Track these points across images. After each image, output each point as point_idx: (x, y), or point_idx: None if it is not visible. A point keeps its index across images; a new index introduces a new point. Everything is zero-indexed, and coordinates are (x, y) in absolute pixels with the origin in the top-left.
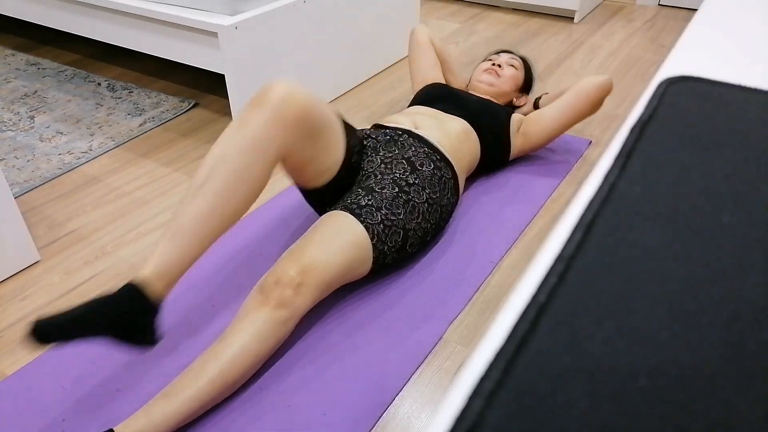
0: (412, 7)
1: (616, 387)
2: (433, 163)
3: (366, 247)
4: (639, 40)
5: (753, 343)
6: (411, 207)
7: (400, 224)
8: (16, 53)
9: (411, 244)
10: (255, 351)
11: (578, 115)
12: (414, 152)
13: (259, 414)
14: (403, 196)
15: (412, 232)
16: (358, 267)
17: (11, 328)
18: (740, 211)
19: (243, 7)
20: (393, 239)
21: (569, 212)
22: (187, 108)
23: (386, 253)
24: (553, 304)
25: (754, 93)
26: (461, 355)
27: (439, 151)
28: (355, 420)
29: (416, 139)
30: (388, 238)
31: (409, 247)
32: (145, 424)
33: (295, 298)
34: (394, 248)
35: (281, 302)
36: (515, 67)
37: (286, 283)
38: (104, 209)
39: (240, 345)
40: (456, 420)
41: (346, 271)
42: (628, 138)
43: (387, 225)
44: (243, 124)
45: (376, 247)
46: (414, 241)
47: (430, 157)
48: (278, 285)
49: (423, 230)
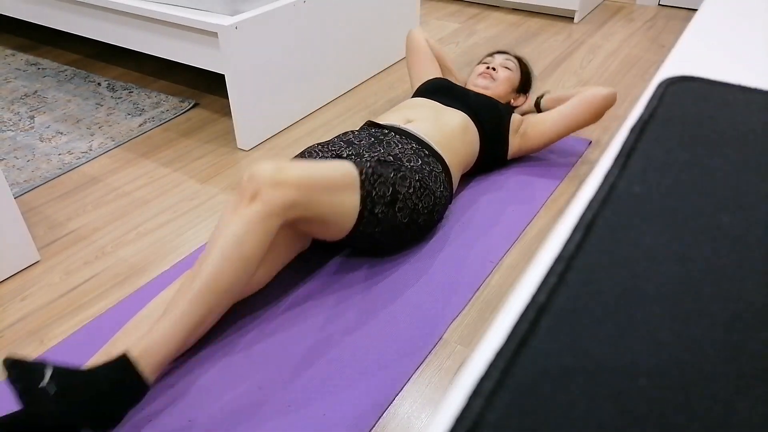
0: (412, 7)
1: (616, 387)
2: (421, 159)
3: (352, 175)
4: (639, 40)
5: (753, 344)
6: (401, 176)
7: (389, 180)
8: (16, 53)
9: (400, 208)
10: (237, 255)
11: (579, 123)
12: (400, 149)
13: (259, 414)
14: (394, 165)
15: (402, 197)
16: (344, 189)
17: (11, 328)
18: (740, 211)
19: (243, 7)
20: (381, 189)
21: (569, 212)
22: (187, 108)
23: (374, 199)
24: (553, 304)
25: (754, 93)
26: (461, 355)
27: (428, 145)
28: (355, 420)
29: (403, 136)
30: (376, 185)
31: (398, 211)
32: (148, 343)
33: (270, 191)
34: (382, 199)
35: (255, 195)
36: (510, 69)
37: (261, 178)
38: (104, 209)
39: (220, 252)
40: (456, 420)
41: (329, 182)
42: (628, 138)
43: (376, 173)
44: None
45: (363, 186)
46: (403, 207)
47: (418, 153)
48: (252, 180)
49: (413, 204)
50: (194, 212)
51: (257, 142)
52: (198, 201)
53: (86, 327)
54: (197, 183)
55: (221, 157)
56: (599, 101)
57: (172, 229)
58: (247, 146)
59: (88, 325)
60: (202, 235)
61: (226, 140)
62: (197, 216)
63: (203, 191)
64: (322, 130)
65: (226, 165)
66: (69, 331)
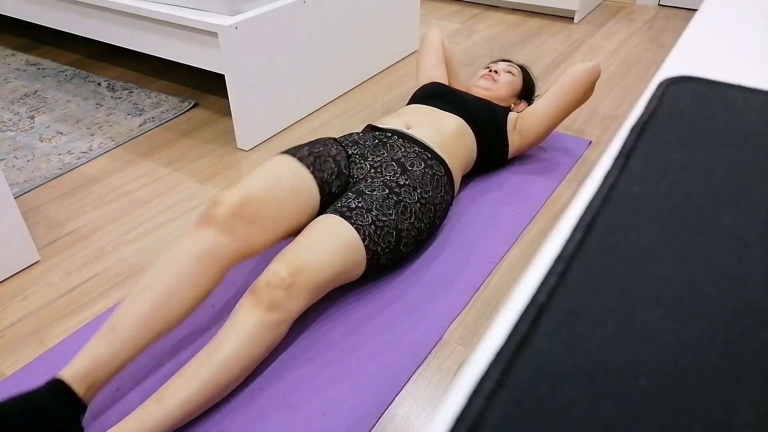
0: (412, 7)
1: (616, 387)
2: (424, 162)
3: (358, 248)
4: (639, 40)
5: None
6: (402, 207)
7: (392, 225)
8: (16, 53)
9: (405, 244)
10: (247, 354)
11: (571, 102)
12: (403, 153)
13: (259, 414)
14: (394, 197)
15: (406, 232)
16: (351, 269)
17: (11, 328)
18: (740, 211)
19: (243, 7)
20: (386, 240)
21: (569, 212)
22: (187, 108)
23: (380, 254)
24: (553, 304)
25: (754, 93)
26: (461, 355)
27: (430, 149)
28: (355, 420)
29: (406, 140)
30: (380, 239)
31: (403, 247)
32: (136, 429)
33: (287, 299)
34: (387, 249)
35: (273, 304)
36: (512, 74)
37: (277, 285)
38: (104, 209)
39: (232, 348)
40: (456, 420)
41: (339, 272)
42: (628, 138)
43: (378, 226)
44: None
45: (368, 249)
46: (408, 240)
47: (421, 156)
48: (269, 287)
49: (417, 230)
50: (194, 212)
51: (257, 142)
52: (198, 201)
53: (86, 327)
54: (197, 183)
55: (221, 157)
56: (583, 75)
57: (172, 229)
58: (247, 146)
59: (88, 325)
60: None
61: (226, 140)
62: (197, 216)
63: (203, 191)
64: (322, 130)
65: (226, 165)
66: (69, 331)
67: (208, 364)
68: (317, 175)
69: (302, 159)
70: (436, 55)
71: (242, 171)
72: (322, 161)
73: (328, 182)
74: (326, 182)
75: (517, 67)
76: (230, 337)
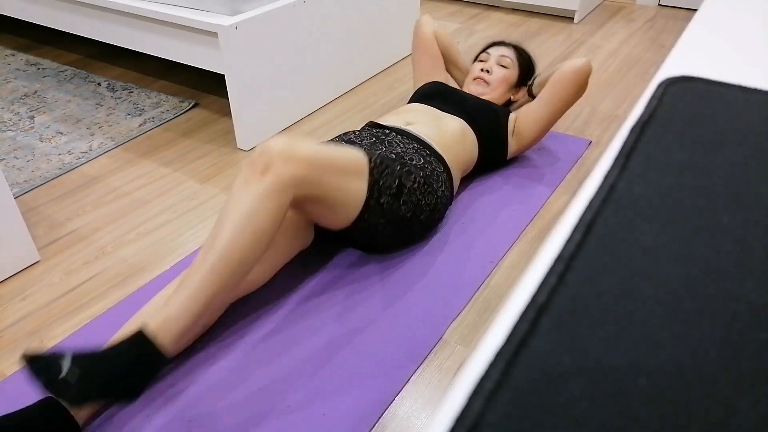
0: (412, 7)
1: (616, 387)
2: (423, 158)
3: (362, 161)
4: (639, 40)
5: (752, 343)
6: (407, 170)
7: (395, 173)
8: (16, 53)
9: (405, 201)
10: (250, 228)
11: (564, 100)
12: (402, 149)
13: (259, 414)
14: (398, 161)
15: (407, 190)
16: (352, 174)
17: (11, 328)
18: (740, 211)
19: (243, 7)
20: (387, 180)
21: (569, 212)
22: (187, 108)
23: (381, 189)
24: (553, 304)
25: (754, 93)
26: (461, 355)
27: (430, 146)
28: (355, 420)
29: (405, 136)
30: (383, 175)
31: (402, 204)
32: (165, 317)
33: (281, 165)
34: (388, 190)
35: (266, 168)
36: (506, 66)
37: (273, 152)
38: (104, 209)
39: (232, 225)
40: (456, 420)
41: (338, 166)
42: (628, 138)
43: (384, 162)
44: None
45: (371, 174)
46: (408, 200)
47: (420, 152)
48: (264, 153)
49: (417, 199)
50: (194, 212)
51: (257, 142)
52: (198, 201)
53: (86, 327)
54: (197, 183)
55: (221, 157)
56: (574, 73)
57: (172, 229)
58: (247, 146)
59: (88, 325)
60: (201, 236)
61: (226, 140)
62: (197, 216)
63: (203, 191)
64: (322, 130)
65: (226, 165)
66: (69, 331)
67: (213, 249)
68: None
69: None
70: (431, 53)
71: None
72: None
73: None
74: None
75: (512, 49)
76: (229, 214)
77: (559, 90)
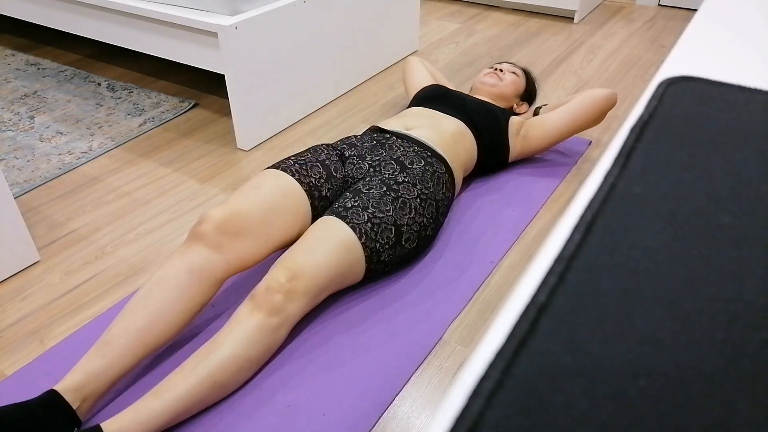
0: (412, 7)
1: (616, 387)
2: (424, 159)
3: (355, 247)
4: (639, 40)
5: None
6: (401, 203)
7: (389, 221)
8: (16, 53)
9: (407, 239)
10: (245, 355)
11: (581, 123)
12: (402, 152)
13: (259, 414)
14: (392, 193)
15: (406, 228)
16: (351, 268)
17: (11, 328)
18: (740, 211)
19: (243, 7)
20: (384, 236)
21: (569, 212)
22: (187, 108)
23: (379, 250)
24: (553, 304)
25: (754, 93)
26: (461, 355)
27: (430, 147)
28: (355, 420)
29: (405, 140)
30: (378, 236)
31: (405, 242)
32: (131, 422)
33: (286, 304)
34: (387, 245)
35: (272, 309)
36: (516, 74)
37: (276, 290)
38: (104, 209)
39: (230, 348)
40: (456, 420)
41: (337, 273)
42: (628, 138)
43: (375, 223)
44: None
45: (366, 246)
46: (410, 236)
47: (421, 155)
48: (268, 292)
49: (418, 225)
50: (194, 212)
51: (257, 142)
52: (198, 201)
53: (86, 327)
54: (197, 183)
55: (221, 157)
56: (600, 101)
57: (172, 229)
58: (247, 146)
59: (88, 325)
60: None
61: (226, 140)
62: (197, 216)
63: (203, 191)
64: (322, 130)
65: (226, 165)
66: (69, 331)
67: (206, 362)
68: (304, 180)
69: (286, 168)
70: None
71: (242, 171)
72: (308, 167)
73: (317, 186)
74: (315, 187)
75: (521, 69)
76: (229, 337)
77: (585, 108)
